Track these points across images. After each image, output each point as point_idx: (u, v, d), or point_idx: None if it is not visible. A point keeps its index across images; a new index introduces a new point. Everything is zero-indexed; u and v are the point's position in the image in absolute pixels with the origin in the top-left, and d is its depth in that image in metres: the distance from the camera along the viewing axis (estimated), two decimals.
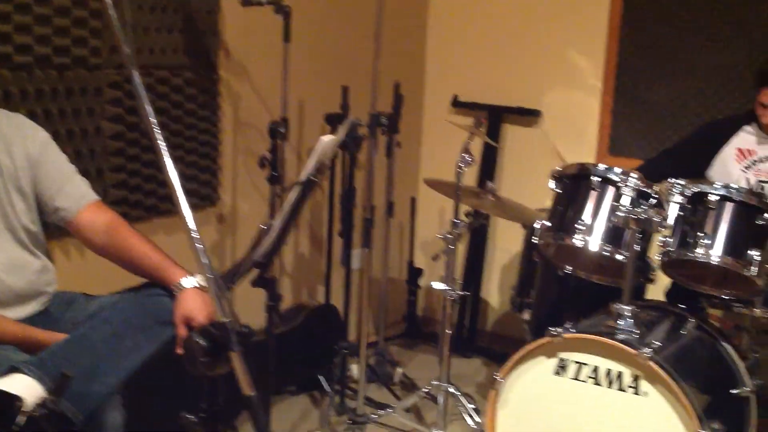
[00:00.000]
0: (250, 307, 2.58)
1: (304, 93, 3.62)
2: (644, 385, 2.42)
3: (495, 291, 4.42)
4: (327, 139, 2.04)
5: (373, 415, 3.21)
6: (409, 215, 4.34)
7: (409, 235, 4.37)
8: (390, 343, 4.19)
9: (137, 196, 2.94)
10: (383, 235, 3.80)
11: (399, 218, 4.28)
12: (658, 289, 3.17)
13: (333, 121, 3.56)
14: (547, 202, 3.00)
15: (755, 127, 3.44)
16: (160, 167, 1.56)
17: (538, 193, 3.05)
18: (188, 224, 1.46)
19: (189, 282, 2.02)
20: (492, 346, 4.21)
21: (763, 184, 3.34)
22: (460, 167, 3.08)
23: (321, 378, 3.44)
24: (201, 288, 1.98)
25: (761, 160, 3.39)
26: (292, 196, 2.07)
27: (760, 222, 2.58)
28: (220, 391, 1.43)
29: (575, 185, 2.82)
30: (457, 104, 4.33)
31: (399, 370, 3.69)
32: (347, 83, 3.51)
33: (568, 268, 2.98)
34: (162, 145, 1.54)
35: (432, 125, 4.46)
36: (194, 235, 1.44)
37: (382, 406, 3.33)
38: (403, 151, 3.97)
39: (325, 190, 3.70)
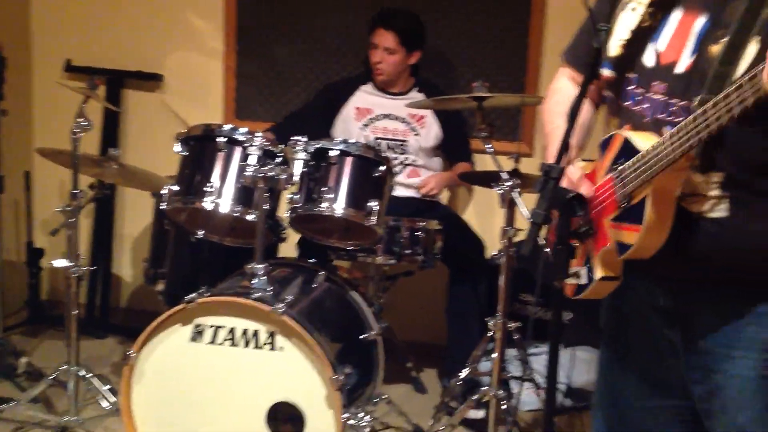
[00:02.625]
0: None
1: None
2: (280, 340, 2.44)
3: (128, 265, 4.23)
4: None
5: None
6: (24, 191, 3.95)
7: (25, 212, 3.98)
8: (11, 333, 3.81)
9: None
10: None
11: (13, 195, 3.88)
12: (291, 246, 3.24)
13: None
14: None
15: (371, 86, 3.65)
16: None
17: (167, 159, 2.93)
18: None
19: None
20: (128, 323, 4.02)
21: (380, 141, 3.57)
22: (75, 133, 2.86)
23: None
24: None
25: (378, 118, 3.61)
26: None
27: (377, 174, 2.73)
28: None
29: (202, 147, 2.74)
30: (72, 69, 4.02)
31: (23, 360, 3.37)
32: None
33: (201, 233, 2.91)
34: None
35: (44, 92, 4.11)
36: None
37: (5, 401, 3.01)
38: (12, 121, 3.59)
39: None
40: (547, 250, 1.76)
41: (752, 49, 1.34)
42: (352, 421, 2.47)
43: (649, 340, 1.62)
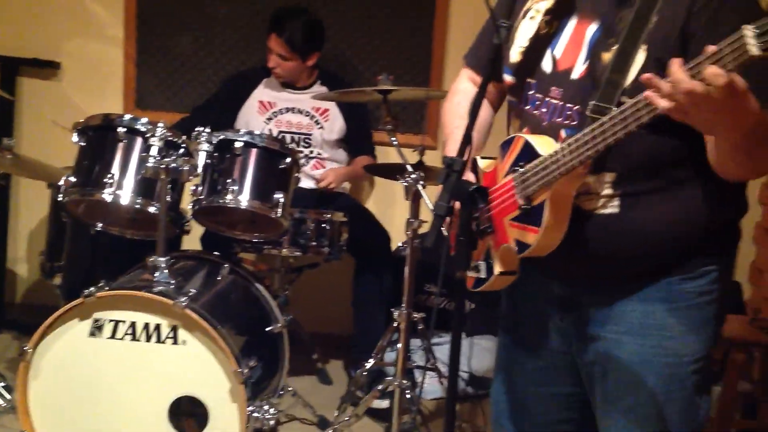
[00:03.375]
0: None
1: None
2: (182, 333, 2.41)
3: (23, 259, 4.08)
4: None
5: None
6: None
7: None
8: None
9: None
10: None
11: None
12: (194, 239, 3.19)
13: None
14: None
15: (273, 80, 3.63)
16: None
17: (64, 149, 2.85)
18: None
19: None
20: (23, 319, 3.88)
21: (284, 134, 3.55)
22: None
23: None
24: None
25: (281, 112, 3.59)
26: None
27: (283, 166, 2.72)
28: None
29: (101, 137, 2.67)
30: None
31: None
32: None
33: (100, 226, 2.84)
34: None
35: None
36: None
37: None
38: None
39: None
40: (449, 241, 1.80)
41: (640, 56, 1.41)
42: (256, 414, 2.46)
43: (543, 329, 1.67)
